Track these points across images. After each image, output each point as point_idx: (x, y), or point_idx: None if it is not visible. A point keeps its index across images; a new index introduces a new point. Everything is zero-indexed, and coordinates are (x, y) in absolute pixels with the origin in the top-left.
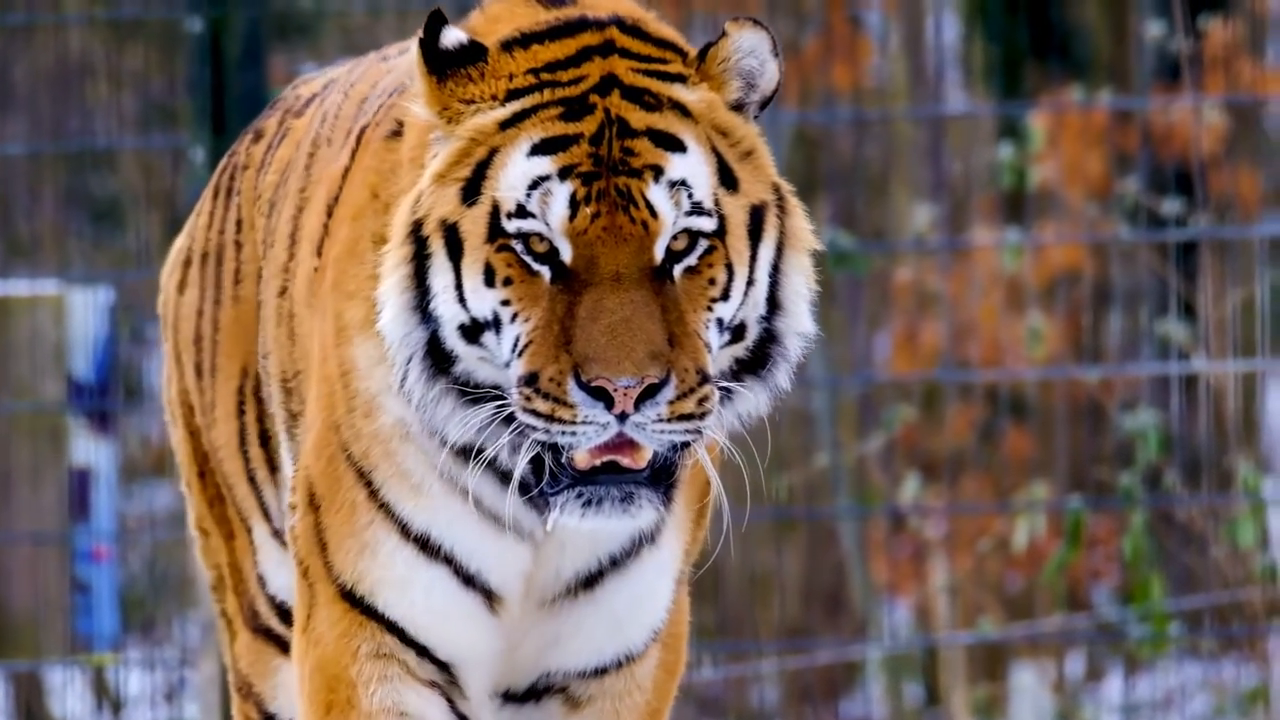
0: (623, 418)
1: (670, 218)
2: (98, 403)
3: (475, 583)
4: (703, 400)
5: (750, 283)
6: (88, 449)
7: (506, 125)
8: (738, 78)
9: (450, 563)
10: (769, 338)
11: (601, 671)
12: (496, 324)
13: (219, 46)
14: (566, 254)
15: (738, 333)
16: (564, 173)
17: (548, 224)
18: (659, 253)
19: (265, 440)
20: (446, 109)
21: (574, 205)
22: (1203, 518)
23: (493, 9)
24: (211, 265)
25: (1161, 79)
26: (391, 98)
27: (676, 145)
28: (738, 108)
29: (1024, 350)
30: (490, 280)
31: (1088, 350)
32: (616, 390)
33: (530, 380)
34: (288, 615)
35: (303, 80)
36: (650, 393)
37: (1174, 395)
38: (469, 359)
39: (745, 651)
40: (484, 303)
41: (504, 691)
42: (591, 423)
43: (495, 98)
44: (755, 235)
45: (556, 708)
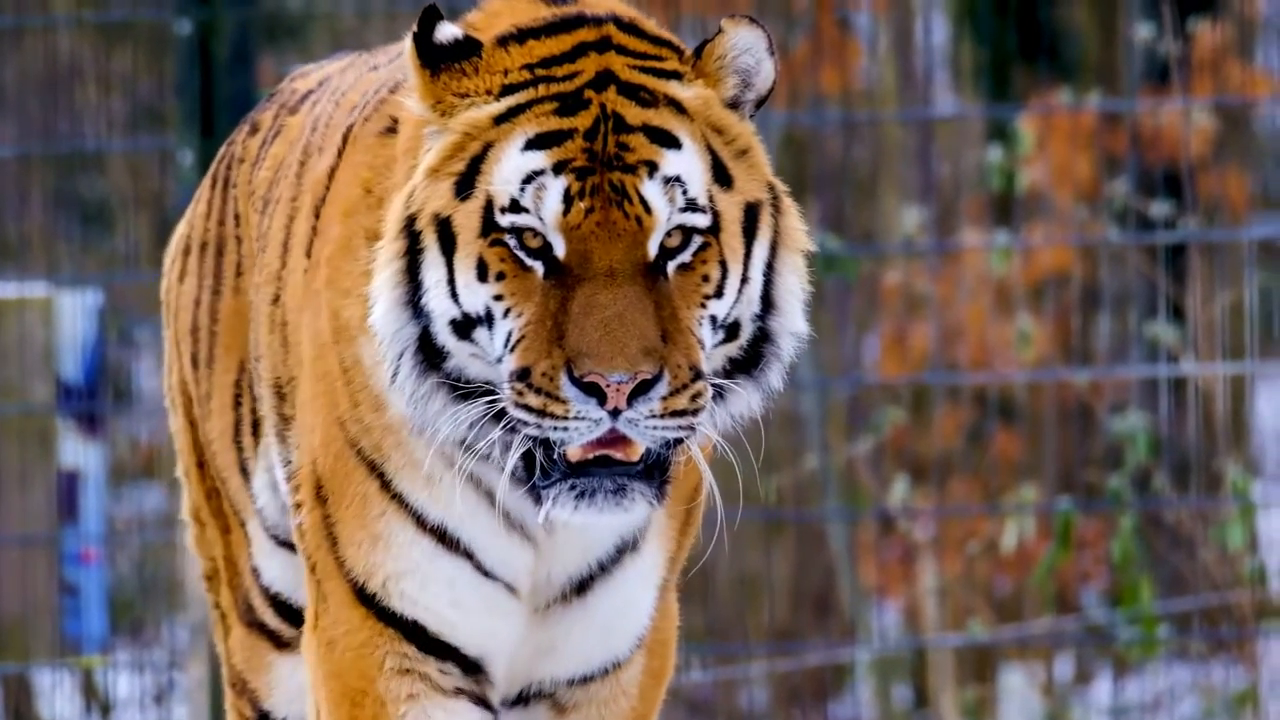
0: (615, 413)
1: (664, 214)
2: (86, 405)
3: (494, 576)
4: (695, 397)
5: (744, 281)
6: (76, 451)
7: (501, 120)
8: (734, 75)
9: (470, 557)
10: (763, 337)
11: (588, 679)
12: (489, 319)
13: (207, 49)
14: (560, 249)
15: (732, 331)
16: (558, 167)
17: (541, 219)
18: (653, 249)
19: (260, 434)
20: (440, 102)
21: (568, 200)
22: (1191, 520)
23: (493, 5)
24: (210, 256)
25: (1150, 81)
26: (379, 93)
27: (671, 141)
28: (733, 105)
29: (1013, 352)
30: (483, 275)
31: (1076, 352)
32: (609, 386)
33: (523, 375)
34: (283, 608)
35: (300, 73)
36: (643, 389)
37: (1163, 397)
38: (461, 355)
39: (734, 654)
40: (476, 298)
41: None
42: (584, 418)
43: (490, 92)
44: (750, 233)
45: (543, 713)
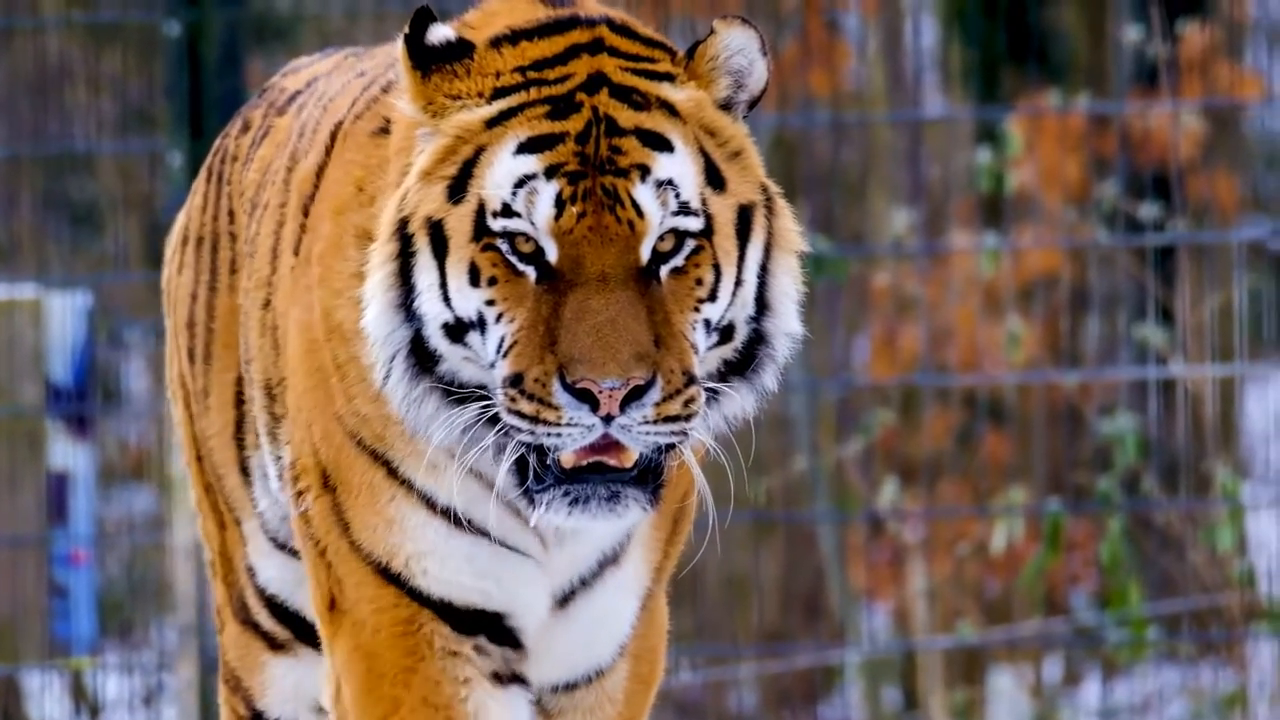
0: (608, 419)
1: (657, 218)
2: (76, 406)
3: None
4: (689, 402)
5: (738, 283)
6: (66, 453)
7: (493, 123)
8: (726, 76)
9: (485, 534)
10: (757, 339)
11: (572, 686)
12: (481, 324)
13: (197, 51)
14: (552, 254)
15: (726, 333)
16: (550, 172)
17: (533, 223)
18: (645, 253)
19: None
20: (431, 104)
21: (560, 205)
22: (1181, 522)
23: (491, 4)
24: (206, 251)
25: (1139, 83)
26: (370, 91)
27: (664, 145)
28: (726, 107)
29: (1002, 354)
30: (475, 280)
31: (1066, 354)
32: (601, 392)
33: (515, 381)
34: (279, 610)
35: (290, 69)
36: (636, 394)
37: (1152, 400)
38: (453, 359)
39: (723, 655)
40: (469, 302)
41: None
42: (577, 424)
43: (481, 95)
44: (743, 235)
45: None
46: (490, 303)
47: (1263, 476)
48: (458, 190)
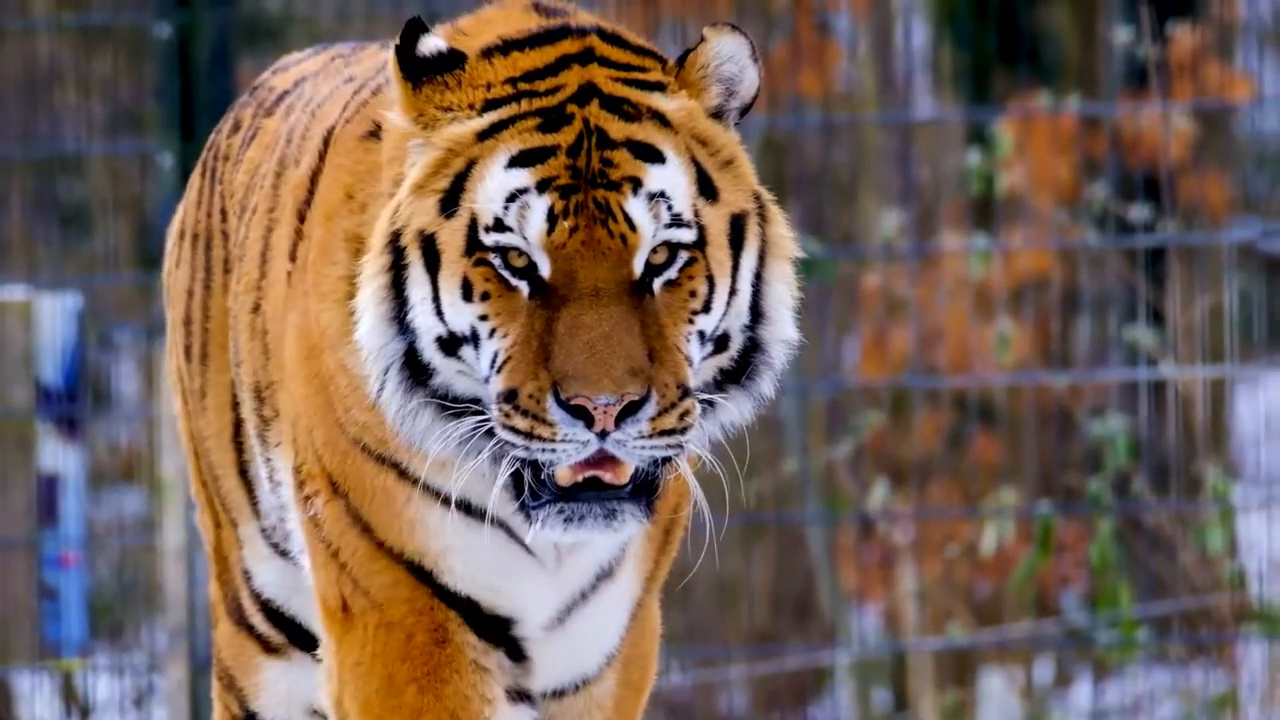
0: (603, 435)
1: (649, 231)
2: (66, 408)
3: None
4: (684, 415)
5: (732, 293)
6: (56, 455)
7: (484, 136)
8: (717, 84)
9: (503, 525)
10: (753, 346)
11: (560, 693)
12: (475, 339)
13: (187, 52)
14: (545, 269)
15: (721, 343)
16: (542, 186)
17: (525, 238)
18: (638, 267)
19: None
20: (422, 115)
21: (552, 219)
22: (1171, 524)
23: (487, 12)
24: (201, 248)
25: (1129, 85)
26: (357, 96)
27: (655, 156)
28: (717, 115)
29: (992, 356)
30: (468, 294)
31: (1056, 356)
32: (596, 409)
33: (509, 397)
34: (275, 615)
35: (279, 66)
36: (630, 410)
37: (1142, 401)
38: (447, 372)
39: (714, 657)
40: (462, 317)
41: None
42: (571, 440)
43: (472, 106)
44: (737, 244)
45: None
46: (483, 317)
47: (1253, 478)
48: (450, 204)
